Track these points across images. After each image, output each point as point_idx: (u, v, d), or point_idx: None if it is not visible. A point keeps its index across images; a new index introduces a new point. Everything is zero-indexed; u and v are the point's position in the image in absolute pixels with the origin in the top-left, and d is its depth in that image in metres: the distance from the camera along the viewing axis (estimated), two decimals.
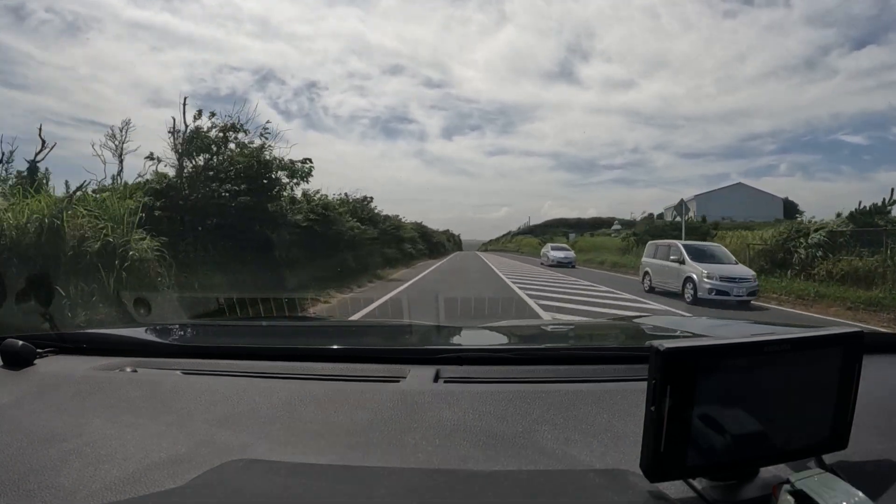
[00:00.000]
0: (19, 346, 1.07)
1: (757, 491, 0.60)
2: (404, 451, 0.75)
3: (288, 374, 1.04)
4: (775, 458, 0.61)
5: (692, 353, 0.55)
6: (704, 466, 0.58)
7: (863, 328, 0.65)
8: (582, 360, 1.10)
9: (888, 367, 1.08)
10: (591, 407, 0.86)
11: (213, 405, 0.89)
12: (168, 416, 0.85)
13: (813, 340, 0.61)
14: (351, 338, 1.57)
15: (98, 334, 1.32)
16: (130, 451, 0.73)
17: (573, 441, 0.77)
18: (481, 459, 0.72)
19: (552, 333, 1.78)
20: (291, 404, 0.88)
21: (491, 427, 0.80)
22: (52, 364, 1.12)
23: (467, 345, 1.37)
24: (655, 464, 0.55)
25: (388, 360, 1.10)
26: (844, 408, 0.61)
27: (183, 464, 0.70)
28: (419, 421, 0.82)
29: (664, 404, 0.54)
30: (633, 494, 0.59)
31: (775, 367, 0.57)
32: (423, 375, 1.01)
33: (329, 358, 1.12)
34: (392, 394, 0.93)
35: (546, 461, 0.72)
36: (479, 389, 0.96)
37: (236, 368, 1.08)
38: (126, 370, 1.08)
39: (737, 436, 0.57)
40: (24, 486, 0.65)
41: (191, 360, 1.13)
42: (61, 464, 0.70)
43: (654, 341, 0.55)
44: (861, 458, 0.69)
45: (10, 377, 1.03)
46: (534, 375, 1.03)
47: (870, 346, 0.66)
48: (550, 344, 1.48)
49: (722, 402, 0.56)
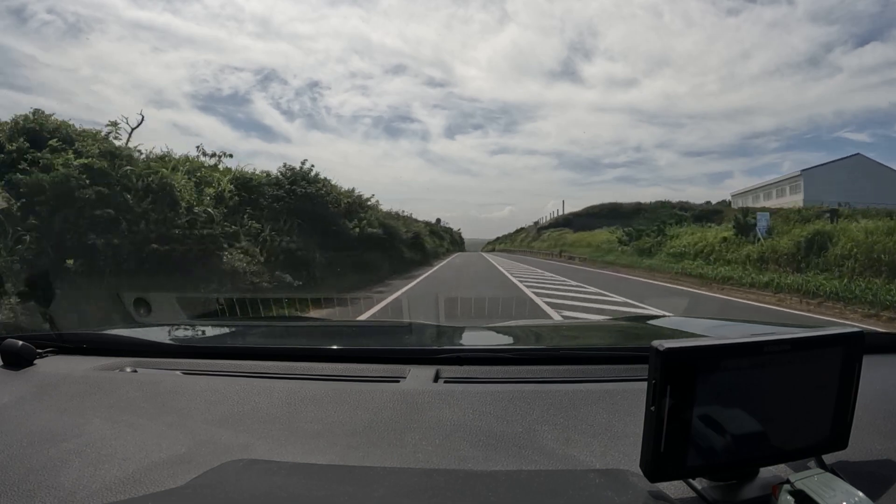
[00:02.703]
0: (19, 346, 1.07)
1: (757, 491, 0.60)
2: (404, 451, 0.75)
3: (288, 374, 1.04)
4: (775, 458, 0.61)
5: (692, 353, 0.55)
6: (704, 466, 0.58)
7: (863, 328, 0.65)
8: (582, 360, 1.10)
9: (888, 367, 1.08)
10: (591, 407, 0.86)
11: (213, 405, 0.89)
12: (168, 416, 0.85)
13: (813, 340, 0.60)
14: (351, 338, 1.57)
15: (98, 334, 1.32)
16: (130, 451, 0.73)
17: (573, 441, 0.77)
18: (481, 459, 0.72)
19: (552, 333, 1.77)
20: (291, 404, 0.88)
21: (491, 427, 0.80)
22: (52, 364, 1.12)
23: (467, 345, 1.37)
24: (655, 464, 0.55)
25: (387, 360, 1.10)
26: (844, 408, 0.61)
27: (183, 464, 0.69)
28: (419, 421, 0.82)
29: (664, 404, 0.54)
30: (633, 494, 0.59)
31: (775, 367, 0.57)
32: (423, 375, 1.01)
33: (329, 358, 1.12)
34: (392, 394, 0.93)
35: (546, 461, 0.72)
36: (480, 389, 0.96)
37: (236, 368, 1.08)
38: (126, 370, 1.08)
39: (737, 436, 0.57)
40: (24, 486, 0.65)
41: (191, 360, 1.13)
42: (61, 464, 0.70)
43: (654, 341, 0.55)
44: (861, 458, 0.69)
45: (10, 377, 1.03)
46: (534, 375, 1.03)
47: (870, 346, 0.65)
48: (551, 344, 1.48)
49: (722, 402, 0.56)
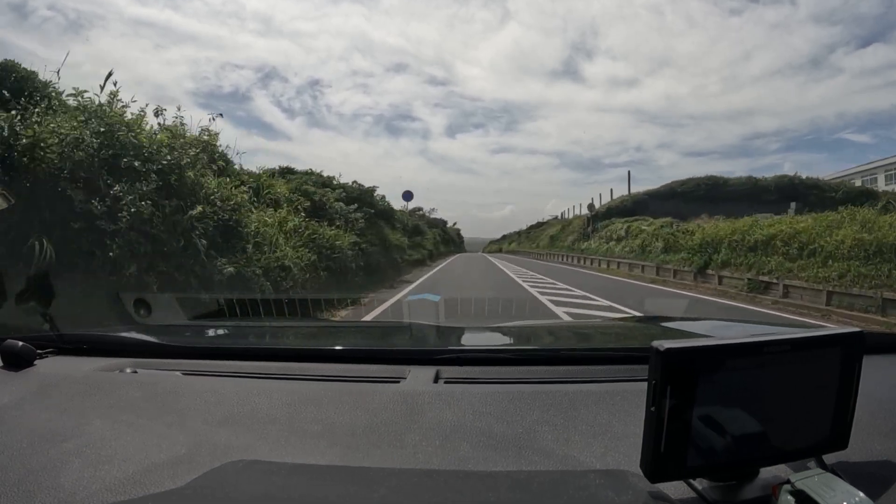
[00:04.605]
0: (19, 346, 1.07)
1: (757, 491, 0.60)
2: (404, 451, 0.75)
3: (288, 375, 1.04)
4: (775, 459, 0.61)
5: (692, 353, 0.55)
6: (705, 467, 0.58)
7: (863, 328, 0.65)
8: (582, 361, 1.10)
9: (888, 367, 1.08)
10: (591, 407, 0.86)
11: (213, 406, 0.89)
12: (168, 417, 0.85)
13: (813, 341, 0.60)
14: (351, 338, 1.57)
15: (98, 335, 1.32)
16: (131, 451, 0.73)
17: (573, 442, 0.77)
18: (481, 460, 0.72)
19: (552, 334, 1.77)
20: (291, 405, 0.88)
21: (491, 428, 0.80)
22: (53, 365, 1.12)
23: (467, 345, 1.37)
24: (656, 464, 0.55)
25: (387, 361, 1.10)
26: (844, 408, 0.61)
27: (183, 464, 0.69)
28: (419, 421, 0.82)
29: (664, 405, 0.54)
30: (633, 495, 0.59)
31: (775, 367, 0.57)
32: (423, 376, 1.01)
33: (329, 358, 1.12)
34: (392, 394, 0.93)
35: (546, 462, 0.72)
36: (479, 390, 0.96)
37: (237, 369, 1.08)
38: (126, 371, 1.08)
39: (737, 436, 0.57)
40: (24, 486, 0.65)
41: (191, 361, 1.13)
42: (61, 464, 0.70)
43: (655, 342, 0.55)
44: (861, 458, 0.69)
45: (11, 378, 1.03)
46: (534, 376, 1.03)
47: (870, 346, 0.65)
48: (551, 344, 1.48)
49: (722, 402, 0.56)
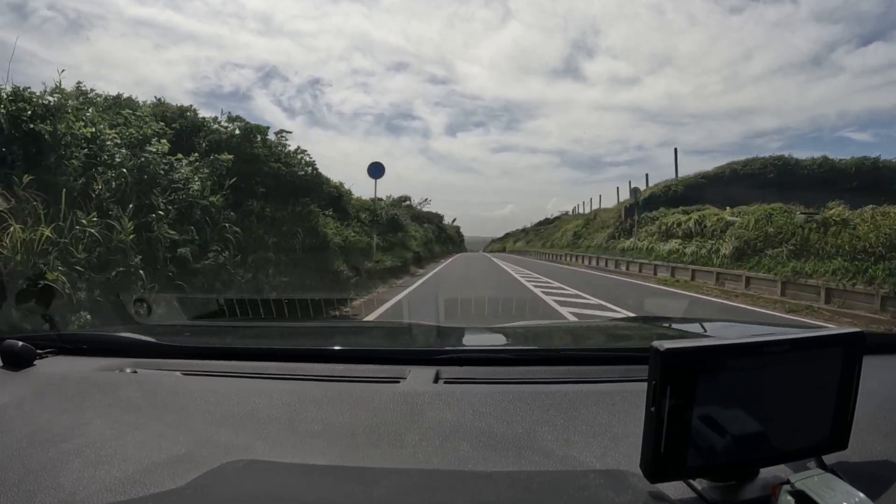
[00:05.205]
0: (19, 346, 1.07)
1: (757, 491, 0.60)
2: (404, 451, 0.75)
3: (288, 375, 1.04)
4: (775, 459, 0.61)
5: (692, 353, 0.55)
6: (704, 467, 0.58)
7: (863, 329, 0.65)
8: (582, 361, 1.10)
9: (888, 367, 1.08)
10: (591, 408, 0.86)
11: (213, 406, 0.89)
12: (168, 417, 0.85)
13: (813, 341, 0.60)
14: (351, 338, 1.57)
15: (98, 335, 1.32)
16: (130, 451, 0.73)
17: (573, 442, 0.77)
18: (481, 460, 0.72)
19: (552, 334, 1.77)
20: (291, 405, 0.88)
21: (491, 428, 0.80)
22: (53, 365, 1.12)
23: (467, 345, 1.37)
24: (655, 464, 0.55)
25: (388, 361, 1.10)
26: (844, 408, 0.61)
27: (183, 464, 0.69)
28: (419, 422, 0.82)
29: (664, 405, 0.54)
30: (633, 495, 0.59)
31: (775, 367, 0.57)
32: (423, 376, 1.01)
33: (329, 359, 1.12)
34: (392, 394, 0.93)
35: (546, 462, 0.72)
36: (479, 390, 0.96)
37: (236, 369, 1.08)
38: (126, 371, 1.08)
39: (737, 436, 0.57)
40: (24, 486, 0.65)
41: (191, 361, 1.13)
42: (61, 464, 0.70)
43: (654, 342, 0.55)
44: (861, 458, 0.69)
45: (11, 378, 1.03)
46: (534, 376, 1.03)
47: (870, 347, 0.65)
48: (550, 345, 1.48)
49: (722, 402, 0.56)
